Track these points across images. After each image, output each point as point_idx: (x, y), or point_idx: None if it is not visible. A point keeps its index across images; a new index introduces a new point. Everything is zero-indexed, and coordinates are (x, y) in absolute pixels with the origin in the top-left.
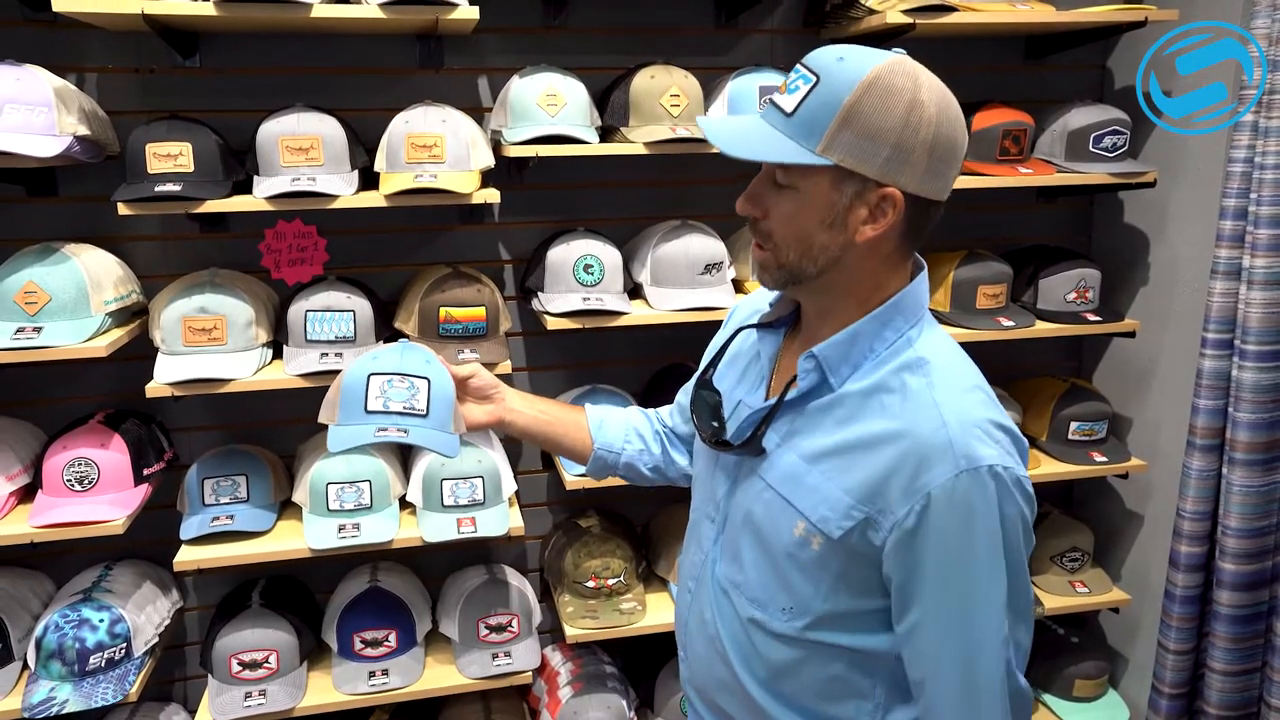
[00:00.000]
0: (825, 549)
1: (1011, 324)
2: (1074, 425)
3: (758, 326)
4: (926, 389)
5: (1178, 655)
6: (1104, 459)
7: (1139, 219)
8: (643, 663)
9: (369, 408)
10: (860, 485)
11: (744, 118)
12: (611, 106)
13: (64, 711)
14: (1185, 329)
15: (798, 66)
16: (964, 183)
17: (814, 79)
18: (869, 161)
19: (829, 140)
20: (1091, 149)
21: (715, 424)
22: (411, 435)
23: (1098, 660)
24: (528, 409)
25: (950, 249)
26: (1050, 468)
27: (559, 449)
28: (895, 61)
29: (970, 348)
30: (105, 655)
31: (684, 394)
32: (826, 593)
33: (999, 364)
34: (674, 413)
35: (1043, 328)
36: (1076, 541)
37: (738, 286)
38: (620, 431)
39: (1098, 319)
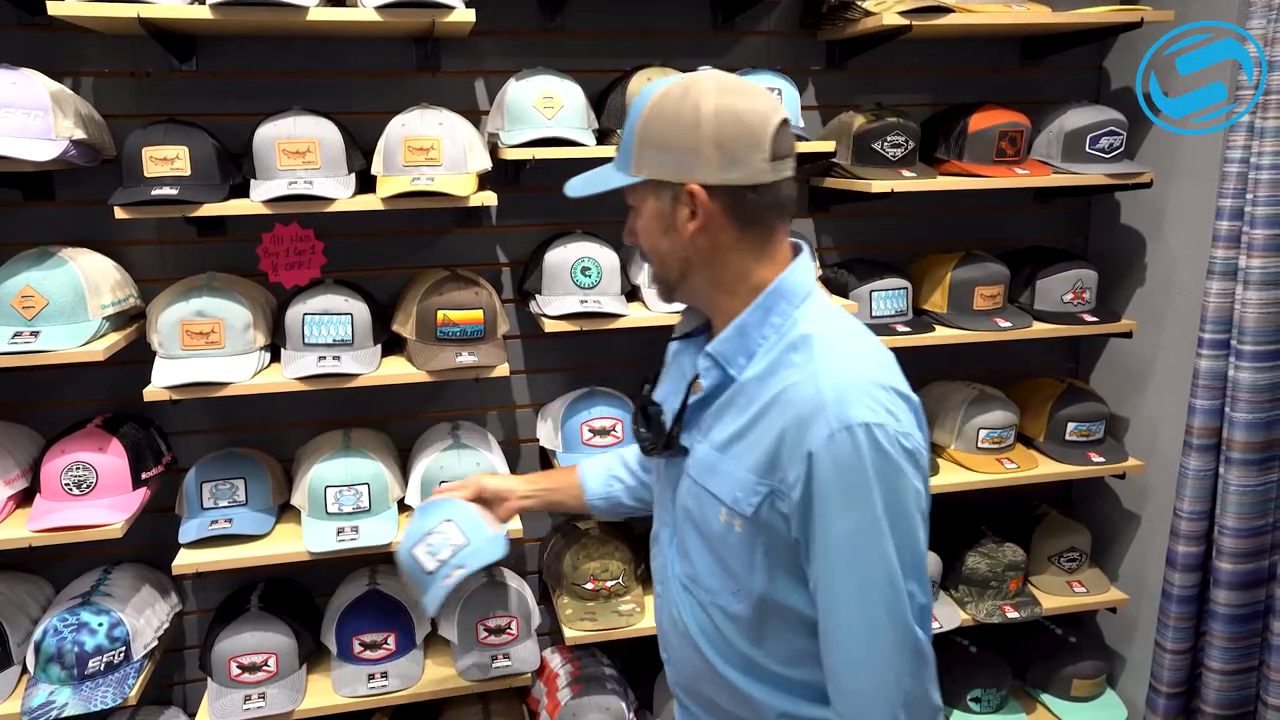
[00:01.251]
0: (747, 530)
1: (1009, 325)
2: (1071, 426)
3: (679, 339)
4: (808, 360)
5: (1175, 654)
6: (1101, 459)
7: (1136, 220)
8: (641, 664)
9: (427, 570)
10: (759, 462)
11: (603, 166)
12: (608, 109)
13: (63, 715)
14: (1182, 329)
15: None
16: (961, 184)
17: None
18: (667, 168)
19: (636, 160)
20: (1088, 150)
21: (652, 434)
22: (470, 566)
23: (1095, 660)
24: (534, 491)
25: (947, 250)
26: (1048, 468)
27: (568, 512)
28: (687, 78)
29: (967, 348)
30: (104, 659)
31: None
32: (761, 571)
33: (996, 365)
34: None
35: (1040, 328)
36: (1074, 541)
37: None
38: (601, 477)
39: (1095, 319)
